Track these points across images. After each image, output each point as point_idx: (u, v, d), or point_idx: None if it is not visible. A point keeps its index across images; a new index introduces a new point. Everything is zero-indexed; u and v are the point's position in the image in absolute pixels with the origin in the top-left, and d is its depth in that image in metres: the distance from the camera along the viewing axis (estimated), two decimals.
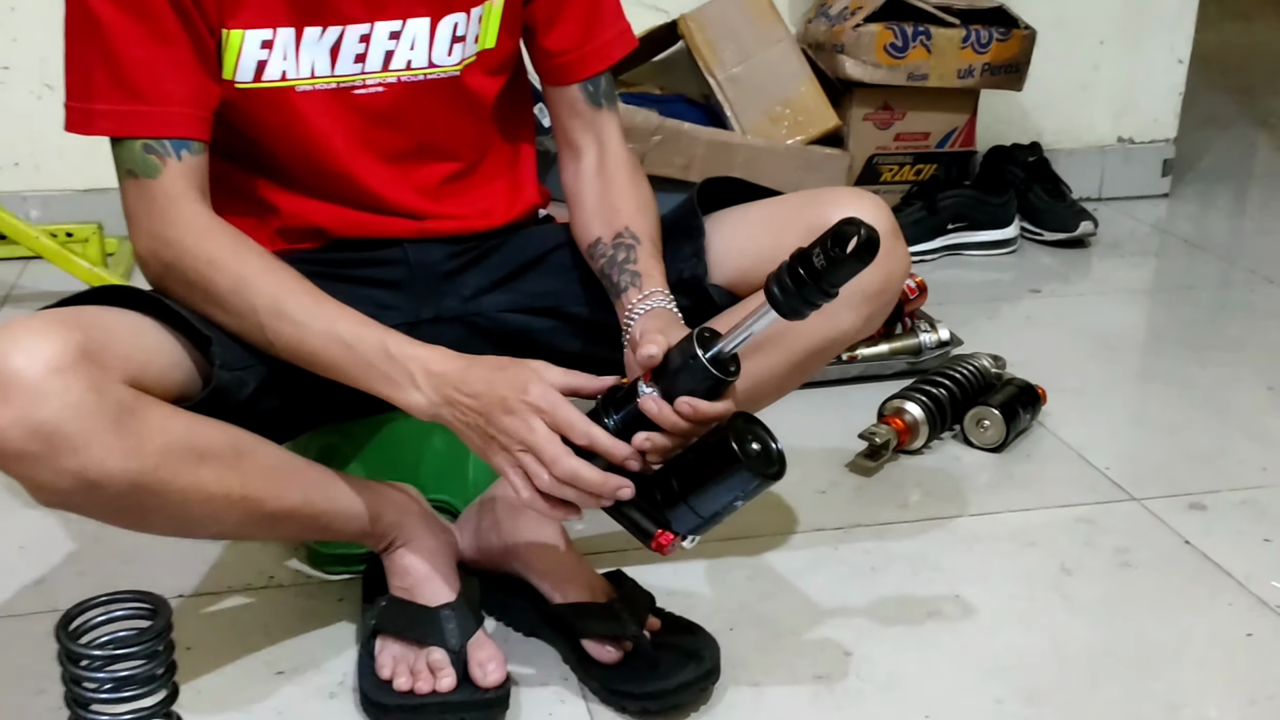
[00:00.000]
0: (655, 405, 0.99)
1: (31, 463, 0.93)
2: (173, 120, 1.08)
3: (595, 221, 1.20)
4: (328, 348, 1.06)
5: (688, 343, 0.99)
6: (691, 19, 2.41)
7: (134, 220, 1.11)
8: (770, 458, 1.02)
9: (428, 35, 1.17)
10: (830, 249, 0.90)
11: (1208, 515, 1.51)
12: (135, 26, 1.06)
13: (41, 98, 2.31)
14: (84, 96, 1.09)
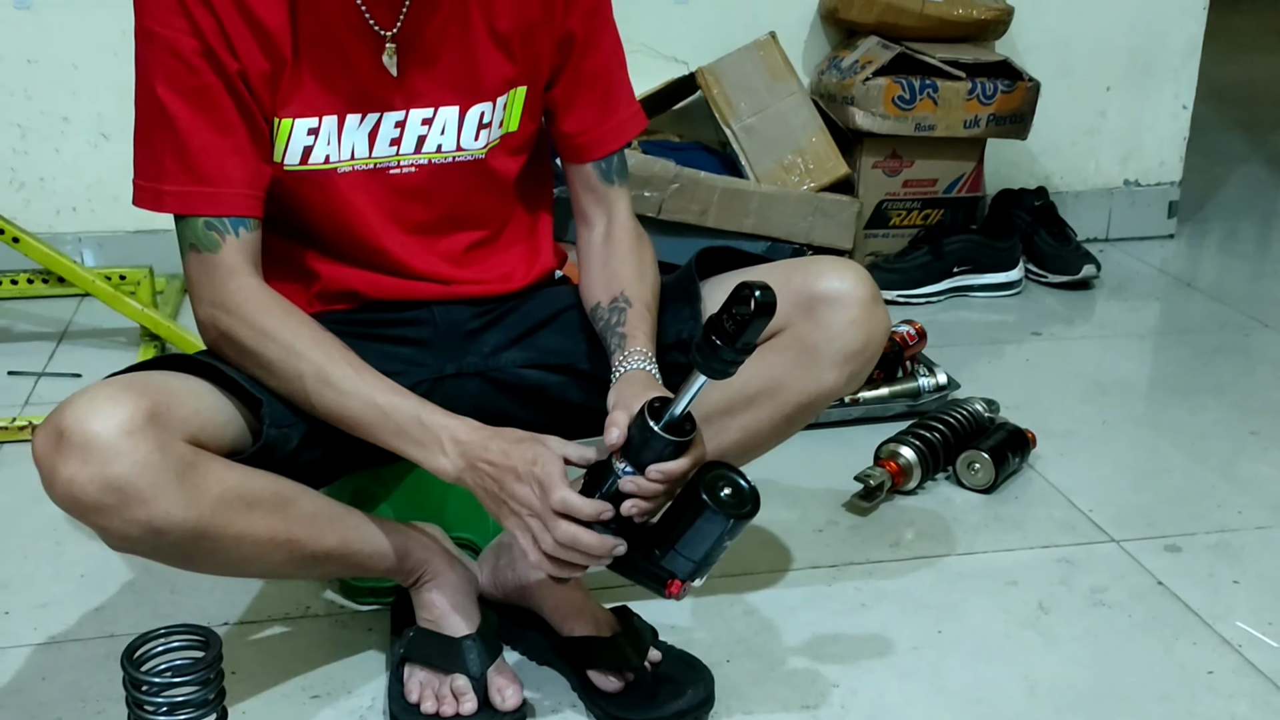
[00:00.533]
0: (632, 483, 1.11)
1: (106, 513, 1.06)
2: (232, 200, 1.21)
3: (597, 287, 1.32)
4: (366, 414, 1.18)
5: (642, 417, 1.11)
6: (709, 71, 2.53)
7: (195, 289, 1.24)
8: (743, 499, 1.13)
9: (457, 122, 1.29)
10: (735, 314, 1.02)
11: (1182, 557, 1.61)
12: (200, 117, 1.19)
13: (98, 146, 2.46)
14: (153, 177, 1.21)
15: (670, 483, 1.12)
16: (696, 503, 1.11)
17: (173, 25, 1.16)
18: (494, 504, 1.15)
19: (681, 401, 1.10)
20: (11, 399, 2.03)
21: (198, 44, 1.16)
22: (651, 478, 1.11)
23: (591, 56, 1.33)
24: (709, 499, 1.11)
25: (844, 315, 1.27)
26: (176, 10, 1.16)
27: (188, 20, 1.16)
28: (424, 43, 1.25)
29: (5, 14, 2.35)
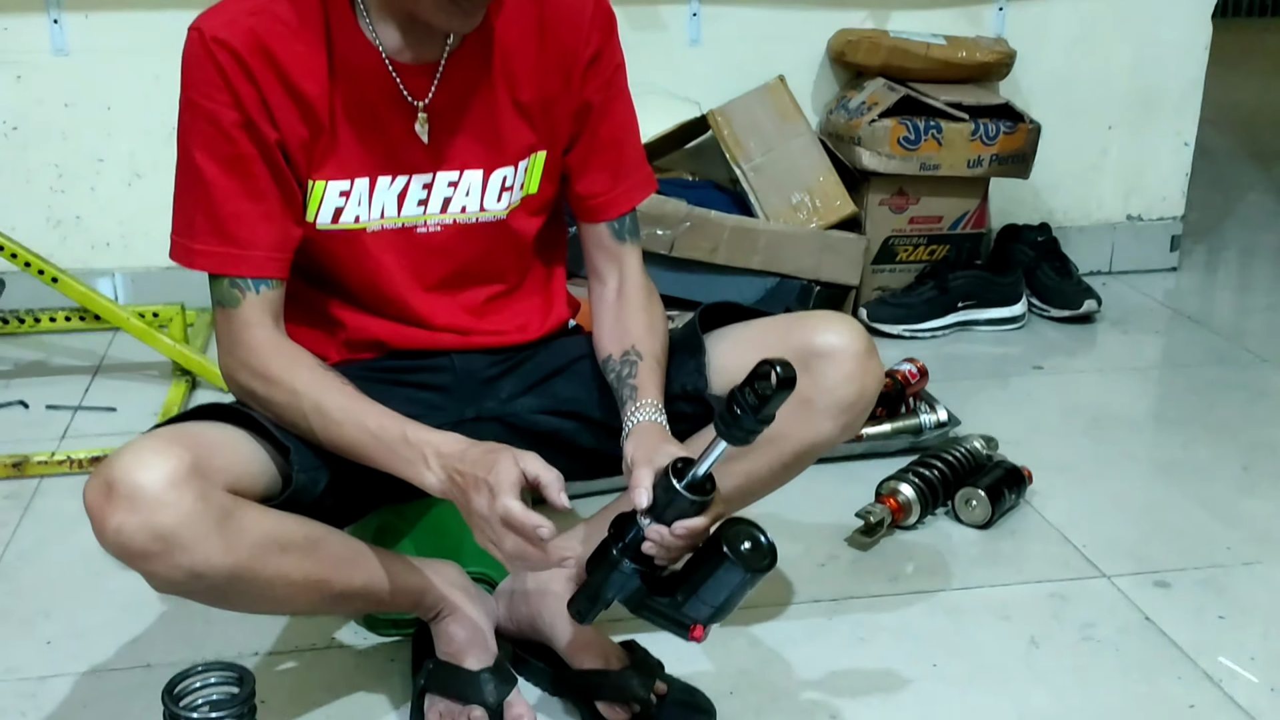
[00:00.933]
0: (656, 533, 1.19)
1: (152, 560, 1.15)
2: (257, 263, 1.29)
3: (610, 340, 1.40)
4: (360, 438, 1.25)
5: (666, 477, 1.18)
6: (720, 113, 2.62)
7: (219, 342, 1.33)
8: (761, 552, 1.21)
9: (480, 185, 1.37)
10: (758, 387, 1.10)
11: (1170, 592, 1.68)
12: (234, 184, 1.27)
13: (131, 185, 2.56)
14: (187, 235, 1.30)
15: (692, 538, 1.19)
16: (718, 555, 1.19)
17: (215, 98, 1.25)
18: (464, 513, 1.21)
19: (704, 464, 1.17)
20: (50, 432, 2.13)
21: (238, 116, 1.25)
22: (677, 533, 1.18)
23: (606, 124, 1.41)
24: (730, 552, 1.18)
25: (839, 370, 1.35)
26: (220, 84, 1.24)
27: (230, 93, 1.24)
28: (453, 111, 1.34)
29: (44, 60, 2.45)
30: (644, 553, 1.19)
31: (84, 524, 1.77)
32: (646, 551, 1.20)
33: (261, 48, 1.25)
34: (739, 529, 1.21)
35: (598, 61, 1.39)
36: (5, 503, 1.90)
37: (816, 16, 2.67)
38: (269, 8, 1.26)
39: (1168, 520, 1.87)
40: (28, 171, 2.52)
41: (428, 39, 1.30)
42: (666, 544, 1.18)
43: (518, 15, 1.35)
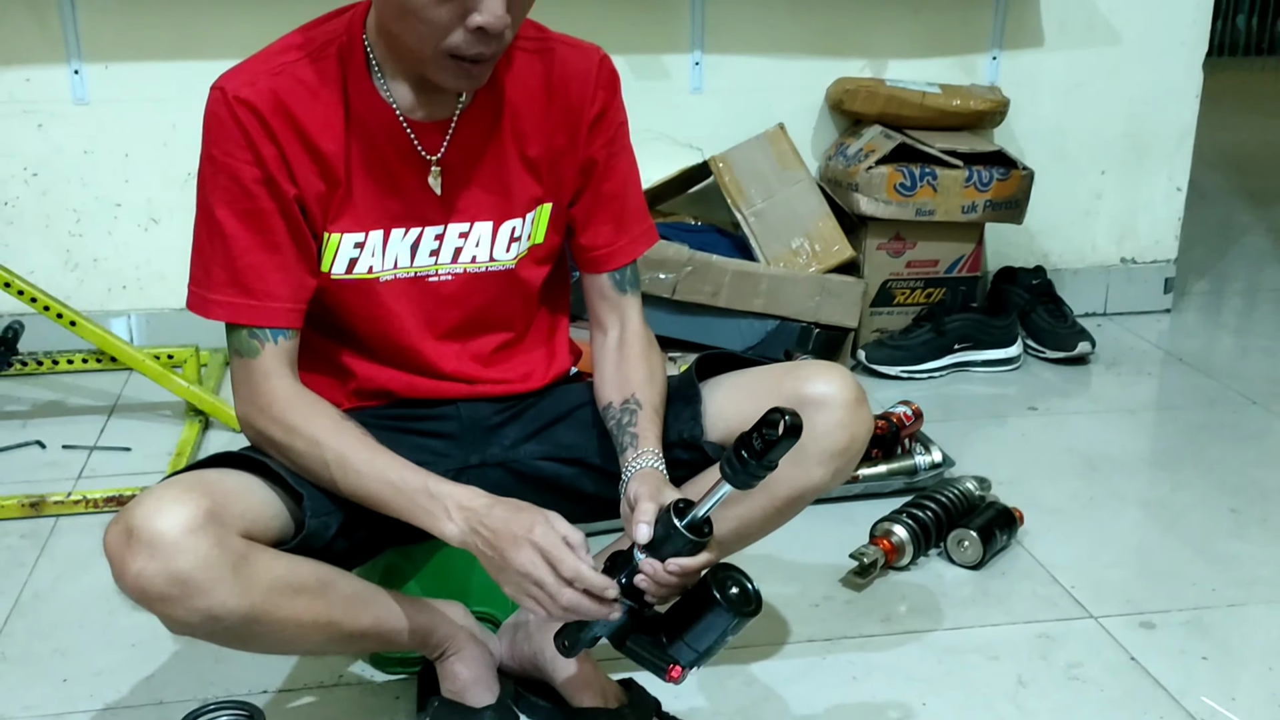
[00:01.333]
0: (650, 568, 1.24)
1: (170, 603, 1.20)
2: (273, 314, 1.35)
3: (610, 388, 1.45)
4: (382, 490, 1.30)
5: (667, 515, 1.23)
6: (721, 159, 2.68)
7: (236, 390, 1.38)
8: (748, 598, 1.26)
9: (490, 236, 1.43)
10: (765, 434, 1.15)
11: (1155, 633, 1.72)
12: (252, 238, 1.33)
13: (147, 230, 2.62)
14: (204, 285, 1.36)
15: (685, 577, 1.24)
16: (707, 598, 1.24)
17: (237, 155, 1.31)
18: (494, 568, 1.26)
19: (705, 505, 1.22)
20: (66, 472, 2.18)
21: (259, 173, 1.31)
22: (670, 570, 1.23)
23: (610, 180, 1.48)
24: (719, 596, 1.23)
25: (830, 417, 1.40)
26: (241, 142, 1.30)
27: (251, 151, 1.31)
28: (464, 166, 1.40)
29: (65, 110, 2.53)
30: (636, 586, 1.24)
31: (99, 563, 1.83)
32: (639, 584, 1.24)
33: (282, 107, 1.31)
34: (728, 575, 1.26)
35: (602, 119, 1.45)
36: (22, 542, 1.95)
37: (815, 66, 2.74)
38: (289, 68, 1.33)
39: (1155, 562, 1.91)
40: (47, 216, 2.59)
41: (440, 98, 1.37)
42: (659, 579, 1.23)
43: (526, 74, 1.41)
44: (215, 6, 2.50)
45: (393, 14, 1.26)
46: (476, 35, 1.24)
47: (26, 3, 2.45)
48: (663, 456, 1.37)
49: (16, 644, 1.68)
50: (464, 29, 1.24)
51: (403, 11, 1.24)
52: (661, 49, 2.69)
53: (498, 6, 1.22)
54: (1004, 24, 2.77)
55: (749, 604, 1.25)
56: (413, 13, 1.23)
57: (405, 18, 1.25)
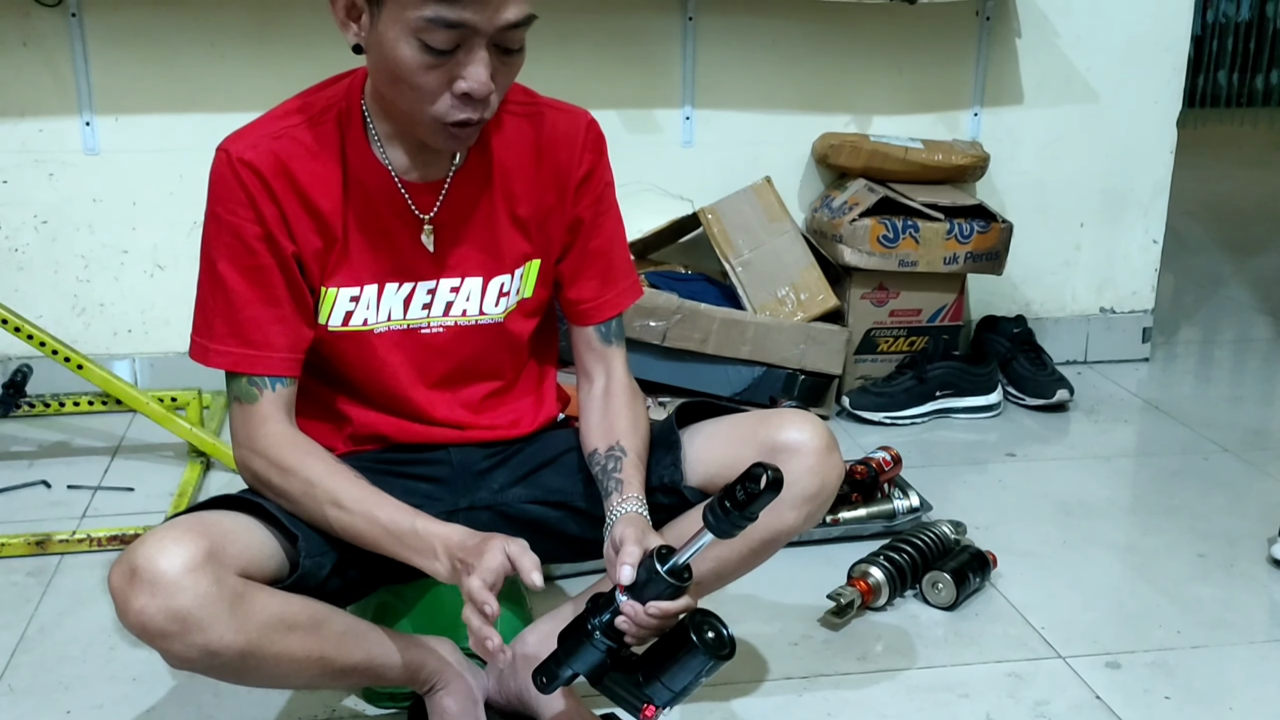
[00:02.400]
0: (631, 609, 1.30)
1: (170, 639, 1.26)
2: (272, 363, 1.42)
3: (595, 436, 1.53)
4: (372, 530, 1.37)
5: (650, 559, 1.30)
6: (710, 211, 2.77)
7: (234, 434, 1.45)
8: (722, 642, 1.32)
9: (480, 291, 1.51)
10: (748, 488, 1.23)
11: (1121, 673, 1.78)
12: (252, 291, 1.41)
13: (153, 276, 2.70)
14: (206, 335, 1.44)
15: (664, 620, 1.31)
16: (684, 641, 1.30)
17: (239, 213, 1.39)
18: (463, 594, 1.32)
19: (687, 552, 1.29)
20: (71, 511, 2.25)
21: (260, 230, 1.39)
22: (650, 613, 1.30)
23: (596, 237, 1.55)
24: (696, 639, 1.30)
25: (802, 463, 1.47)
26: (244, 201, 1.39)
27: (253, 210, 1.39)
28: (456, 224, 1.48)
29: (76, 159, 2.61)
30: (617, 627, 1.30)
31: (102, 600, 1.91)
32: (620, 625, 1.31)
33: (282, 168, 1.39)
34: (705, 620, 1.33)
35: (589, 180, 1.53)
36: (28, 579, 2.01)
37: (802, 121, 2.83)
38: (290, 131, 1.41)
39: (1123, 604, 1.98)
40: (56, 262, 2.67)
41: (434, 160, 1.45)
42: (639, 621, 1.30)
43: (516, 137, 1.49)
44: (221, 63, 2.59)
45: (385, 79, 1.35)
46: (462, 101, 1.32)
47: (42, 57, 2.54)
48: (645, 501, 1.44)
49: (22, 677, 1.74)
50: (450, 95, 1.32)
51: (394, 78, 1.32)
52: (654, 104, 2.78)
53: (482, 74, 1.30)
54: (984, 82, 2.87)
55: (724, 648, 1.32)
56: (403, 79, 1.31)
57: (396, 83, 1.33)
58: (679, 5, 2.71)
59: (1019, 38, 2.85)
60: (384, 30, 1.29)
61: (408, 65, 1.29)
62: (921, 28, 2.80)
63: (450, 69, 1.30)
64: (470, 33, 1.28)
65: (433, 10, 1.25)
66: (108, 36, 2.55)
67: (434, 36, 1.27)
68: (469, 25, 1.27)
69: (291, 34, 2.56)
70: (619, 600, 1.31)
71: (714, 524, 1.25)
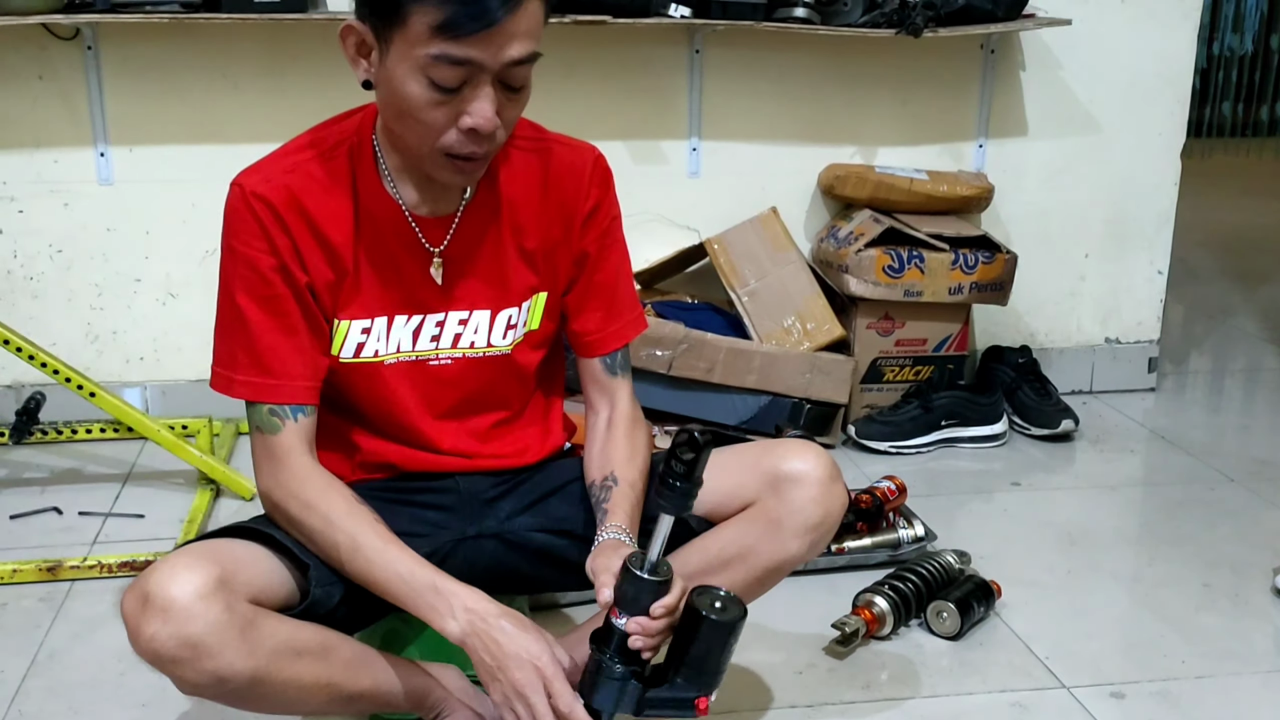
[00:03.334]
0: (637, 625, 1.32)
1: (181, 665, 1.28)
2: (292, 392, 1.44)
3: (594, 467, 1.55)
4: (390, 581, 1.38)
5: (625, 571, 1.32)
6: (716, 241, 2.79)
7: (257, 465, 1.47)
8: (731, 603, 1.35)
9: (488, 323, 1.53)
10: (681, 454, 1.25)
11: (1124, 703, 1.79)
12: (270, 321, 1.43)
13: (165, 304, 2.73)
14: (228, 366, 1.45)
15: (669, 614, 1.33)
16: (697, 622, 1.33)
17: (254, 245, 1.41)
18: (486, 672, 1.35)
19: (655, 545, 1.31)
20: (82, 538, 2.27)
21: (274, 261, 1.41)
22: (655, 615, 1.31)
23: (602, 270, 1.58)
24: (708, 613, 1.32)
25: (805, 493, 1.49)
26: (258, 234, 1.41)
27: (267, 241, 1.41)
28: (465, 258, 1.51)
29: (90, 189, 2.65)
30: (631, 649, 1.32)
31: (112, 626, 1.93)
32: (634, 646, 1.32)
33: (295, 201, 1.42)
34: (704, 595, 1.36)
35: (596, 214, 1.56)
36: (39, 605, 2.03)
37: (808, 152, 2.86)
38: (303, 166, 1.44)
39: (1128, 634, 1.98)
40: (70, 290, 2.70)
41: (443, 195, 1.48)
42: (649, 630, 1.32)
43: (524, 172, 1.52)
44: (234, 95, 2.63)
45: (393, 114, 1.37)
46: (469, 135, 1.34)
47: (58, 90, 2.58)
48: (627, 529, 1.45)
49: (32, 702, 1.76)
50: (457, 130, 1.34)
51: (401, 112, 1.35)
52: (661, 135, 2.81)
53: (488, 109, 1.33)
54: (989, 114, 2.89)
55: (736, 608, 1.35)
56: (410, 114, 1.34)
57: (404, 118, 1.35)
58: (685, 38, 2.74)
59: (1023, 70, 2.88)
60: (392, 67, 1.32)
61: (415, 101, 1.32)
62: (926, 60, 2.83)
63: (457, 105, 1.33)
64: (476, 69, 1.30)
65: (439, 48, 1.28)
66: (122, 69, 2.58)
67: (440, 73, 1.29)
68: (475, 63, 1.29)
69: (304, 67, 2.60)
70: (618, 625, 1.32)
71: (667, 504, 1.27)
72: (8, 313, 2.64)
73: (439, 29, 1.27)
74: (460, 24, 1.26)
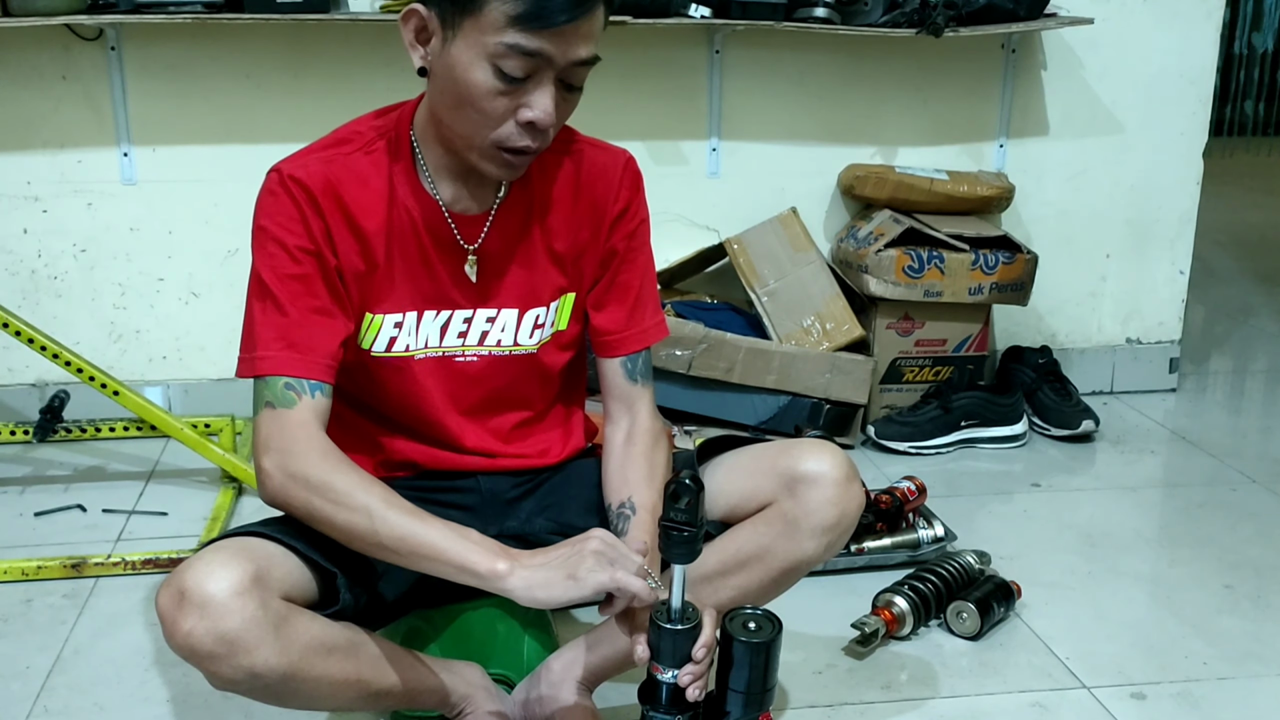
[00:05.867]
0: (689, 676, 1.34)
1: (217, 660, 1.28)
2: (312, 366, 1.41)
3: (611, 488, 1.55)
4: (429, 533, 1.33)
5: (655, 627, 1.34)
6: (736, 241, 2.79)
7: (265, 441, 1.39)
8: (765, 622, 1.39)
9: (515, 322, 1.54)
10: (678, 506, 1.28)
11: (1145, 704, 1.78)
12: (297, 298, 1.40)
13: (188, 303, 2.75)
14: (251, 348, 1.42)
15: (711, 650, 1.36)
16: (739, 648, 1.37)
17: (286, 226, 1.42)
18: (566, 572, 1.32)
19: (675, 595, 1.32)
20: (106, 535, 2.29)
21: (305, 243, 1.42)
22: (697, 658, 1.35)
23: (627, 271, 1.59)
24: (744, 640, 1.37)
25: (821, 494, 1.49)
26: (294, 215, 1.41)
27: (302, 224, 1.42)
28: (497, 256, 1.52)
29: (114, 189, 2.67)
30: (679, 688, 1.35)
31: (136, 622, 1.94)
32: (692, 697, 1.35)
33: (331, 189, 1.43)
34: (736, 619, 1.39)
35: (625, 216, 1.57)
36: (64, 601, 2.05)
37: (828, 152, 2.86)
38: (341, 158, 1.45)
39: (1148, 635, 1.98)
40: (94, 289, 2.72)
41: (479, 193, 1.49)
42: (700, 673, 1.35)
43: (557, 173, 1.53)
44: (256, 95, 2.64)
45: (449, 103, 1.38)
46: (525, 129, 1.36)
47: (81, 90, 2.60)
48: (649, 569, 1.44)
49: (58, 699, 1.77)
50: (515, 122, 1.36)
51: (460, 101, 1.36)
52: (681, 136, 2.81)
53: (548, 104, 1.34)
54: (1010, 114, 2.89)
55: (770, 626, 1.39)
56: (470, 103, 1.35)
57: (461, 107, 1.36)
58: (705, 38, 2.74)
59: (1044, 70, 2.87)
60: (457, 54, 1.33)
61: (478, 89, 1.33)
62: (947, 60, 2.82)
63: (518, 97, 1.34)
64: (544, 63, 1.32)
65: (513, 37, 1.30)
66: (145, 69, 2.60)
67: (509, 63, 1.31)
68: (544, 55, 1.31)
69: (326, 67, 2.61)
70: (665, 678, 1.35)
71: (679, 555, 1.31)
72: (32, 311, 2.67)
73: (516, 19, 1.29)
74: (536, 16, 1.29)
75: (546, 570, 1.32)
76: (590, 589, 1.31)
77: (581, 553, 1.32)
